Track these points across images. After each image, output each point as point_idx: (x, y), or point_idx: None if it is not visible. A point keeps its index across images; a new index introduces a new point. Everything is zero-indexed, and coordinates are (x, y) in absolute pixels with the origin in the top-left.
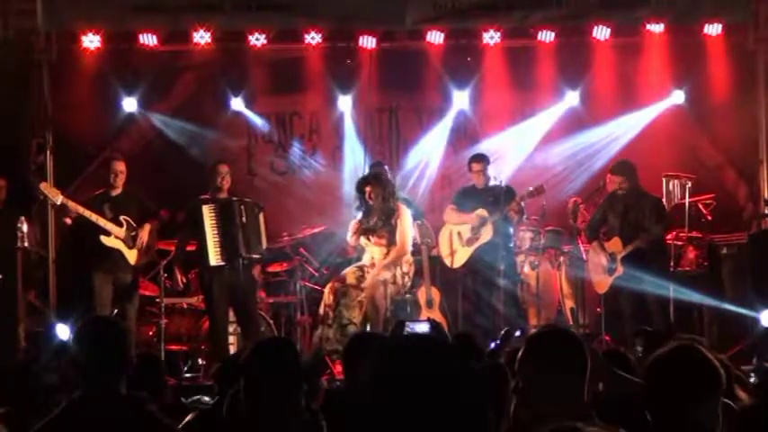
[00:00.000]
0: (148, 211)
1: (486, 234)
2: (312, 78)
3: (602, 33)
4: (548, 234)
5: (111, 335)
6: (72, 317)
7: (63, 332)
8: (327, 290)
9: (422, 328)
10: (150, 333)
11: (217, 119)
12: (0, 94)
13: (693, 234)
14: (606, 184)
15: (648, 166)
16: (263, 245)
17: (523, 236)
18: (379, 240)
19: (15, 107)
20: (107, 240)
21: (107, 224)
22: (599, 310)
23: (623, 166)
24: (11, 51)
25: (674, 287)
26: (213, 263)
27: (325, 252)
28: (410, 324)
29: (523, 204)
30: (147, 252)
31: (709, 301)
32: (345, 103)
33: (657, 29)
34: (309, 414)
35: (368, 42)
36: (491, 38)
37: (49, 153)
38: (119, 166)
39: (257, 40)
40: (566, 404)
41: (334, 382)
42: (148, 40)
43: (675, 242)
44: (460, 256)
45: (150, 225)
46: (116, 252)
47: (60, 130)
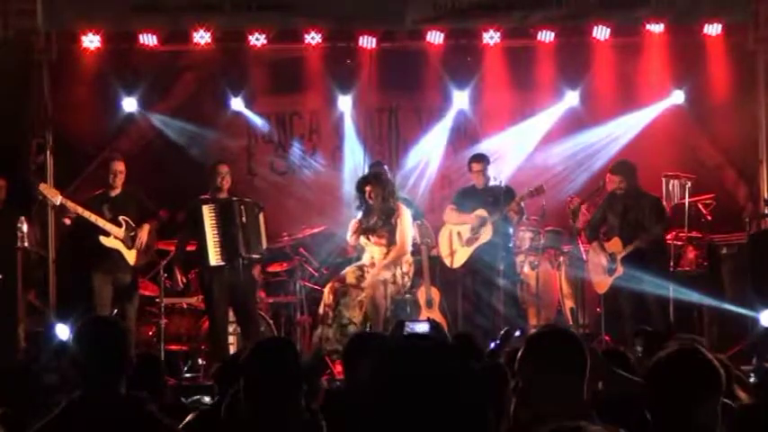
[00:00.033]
0: (148, 212)
1: (486, 234)
2: (312, 78)
3: (602, 33)
4: (547, 234)
5: (111, 335)
6: (72, 317)
7: (63, 332)
8: (327, 289)
9: (422, 328)
10: (150, 333)
11: (217, 119)
12: (0, 94)
13: (693, 234)
14: (606, 183)
15: (648, 166)
16: (263, 245)
17: (523, 236)
18: (379, 240)
19: (15, 107)
20: (106, 241)
21: (106, 224)
22: (599, 310)
23: (622, 165)
24: (11, 51)
25: (673, 287)
26: (213, 263)
27: (325, 252)
28: (410, 324)
29: (523, 205)
30: (147, 252)
31: (709, 301)
32: (345, 103)
33: (657, 29)
34: (309, 414)
35: (368, 42)
36: (491, 38)
37: (49, 153)
38: (118, 166)
39: (257, 40)
40: (566, 404)
41: (334, 382)
42: (148, 40)
43: (675, 242)
44: (460, 257)
45: (149, 225)
46: (115, 252)
47: (60, 130)
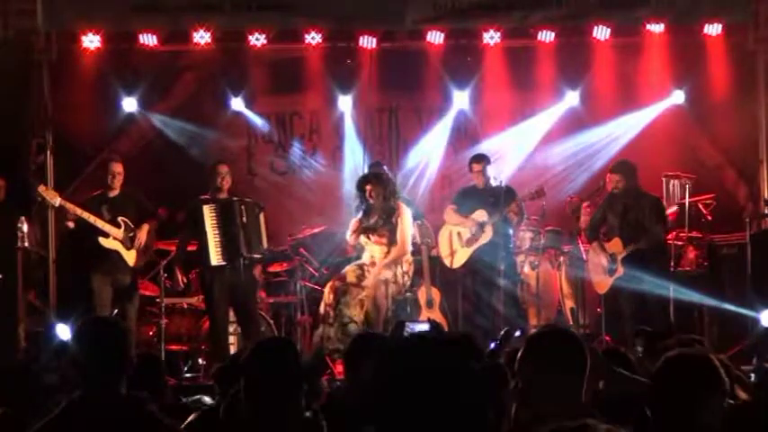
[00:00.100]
0: (146, 212)
1: (486, 235)
2: (312, 78)
3: (602, 33)
4: (548, 234)
5: (111, 335)
6: (72, 317)
7: (63, 332)
8: (328, 289)
9: (422, 328)
10: (150, 333)
11: (217, 119)
12: (0, 94)
13: (693, 234)
14: (606, 183)
15: (648, 166)
16: (263, 245)
17: (523, 236)
18: (380, 239)
19: (15, 107)
20: (105, 242)
21: (105, 225)
22: (599, 310)
23: (622, 165)
24: (11, 51)
25: (674, 287)
26: (214, 263)
27: (325, 252)
28: (410, 325)
29: (523, 206)
30: (146, 252)
31: (710, 301)
32: (345, 103)
33: (657, 29)
34: (309, 414)
35: (368, 42)
36: (491, 38)
37: (48, 153)
38: (116, 167)
39: (257, 40)
40: (566, 404)
41: (334, 382)
42: (148, 40)
43: (675, 242)
44: (460, 257)
45: (148, 225)
46: (114, 253)
47: (60, 130)
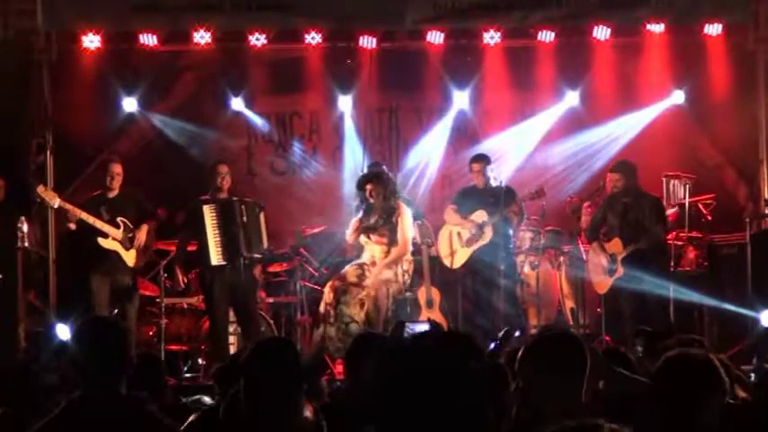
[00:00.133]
0: (146, 212)
1: (486, 235)
2: (312, 78)
3: (602, 33)
4: (548, 234)
5: (111, 335)
6: (72, 317)
7: (63, 332)
8: (328, 288)
9: (422, 328)
10: (150, 333)
11: (217, 119)
12: (0, 94)
13: (693, 234)
14: (606, 183)
15: (648, 166)
16: (264, 244)
17: (523, 236)
18: (380, 239)
19: (15, 107)
20: (104, 242)
21: (104, 226)
22: (599, 310)
23: (622, 165)
24: (11, 51)
25: (674, 287)
26: (214, 262)
27: (325, 252)
28: (410, 325)
29: (523, 207)
30: (145, 253)
31: (709, 301)
32: (345, 103)
33: (657, 29)
34: (309, 414)
35: (368, 42)
36: (491, 38)
37: (48, 153)
38: (115, 168)
39: (257, 40)
40: (566, 404)
41: (334, 382)
42: (148, 40)
43: (675, 242)
44: (460, 257)
45: (148, 226)
46: (114, 254)
47: (60, 130)
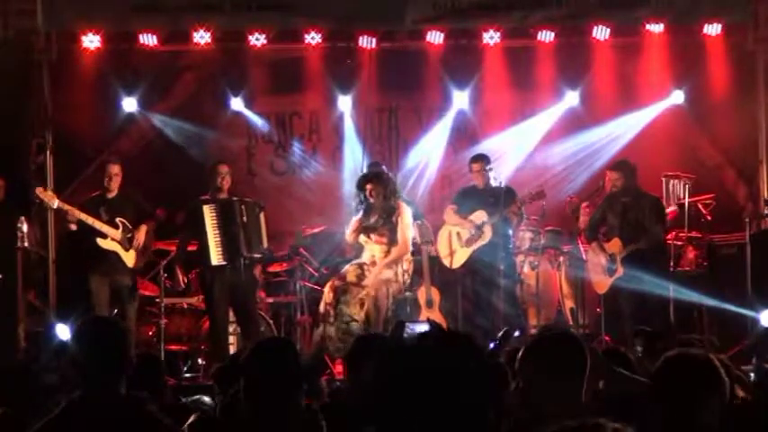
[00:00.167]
0: (145, 213)
1: (486, 235)
2: (312, 78)
3: (602, 33)
4: (547, 234)
5: (111, 335)
6: (72, 317)
7: (63, 332)
8: (328, 288)
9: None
10: (150, 333)
11: (217, 119)
12: (0, 94)
13: (693, 234)
14: (605, 182)
15: (648, 166)
16: (264, 244)
17: (523, 236)
18: (380, 239)
19: (15, 107)
20: (103, 243)
21: (103, 227)
22: (599, 310)
23: (622, 164)
24: (11, 51)
25: (673, 287)
26: (215, 262)
27: (325, 252)
28: (410, 325)
29: (523, 208)
30: (144, 253)
31: (709, 301)
32: (345, 103)
33: (657, 29)
34: (309, 414)
35: (368, 42)
36: (491, 38)
37: (48, 153)
38: (113, 169)
39: (257, 40)
40: (566, 404)
41: (334, 382)
42: (148, 40)
43: (675, 242)
44: (459, 257)
45: (146, 226)
46: (113, 255)
47: (60, 130)
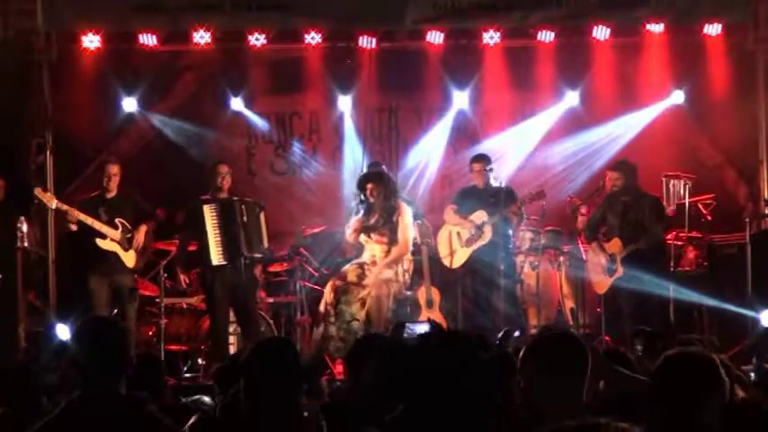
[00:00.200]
0: (144, 213)
1: (486, 235)
2: (312, 78)
3: (602, 33)
4: (548, 234)
5: (111, 335)
6: (72, 317)
7: (63, 332)
8: (328, 287)
9: (422, 329)
10: (150, 333)
11: (217, 119)
12: (0, 94)
13: (693, 234)
14: (605, 182)
15: (648, 166)
16: (264, 244)
17: (523, 236)
18: (381, 238)
19: (15, 107)
20: (103, 243)
21: (102, 227)
22: (599, 310)
23: (622, 164)
24: (11, 51)
25: (674, 287)
26: (215, 262)
27: (325, 252)
28: (410, 325)
29: (523, 209)
30: (144, 253)
31: (709, 301)
32: (345, 103)
33: (657, 29)
34: (309, 414)
35: (368, 42)
36: (491, 38)
37: (48, 153)
38: (112, 169)
39: (257, 40)
40: (567, 404)
41: (334, 382)
42: (148, 40)
43: (675, 242)
44: (460, 257)
45: (146, 226)
46: (112, 255)
47: (60, 130)
